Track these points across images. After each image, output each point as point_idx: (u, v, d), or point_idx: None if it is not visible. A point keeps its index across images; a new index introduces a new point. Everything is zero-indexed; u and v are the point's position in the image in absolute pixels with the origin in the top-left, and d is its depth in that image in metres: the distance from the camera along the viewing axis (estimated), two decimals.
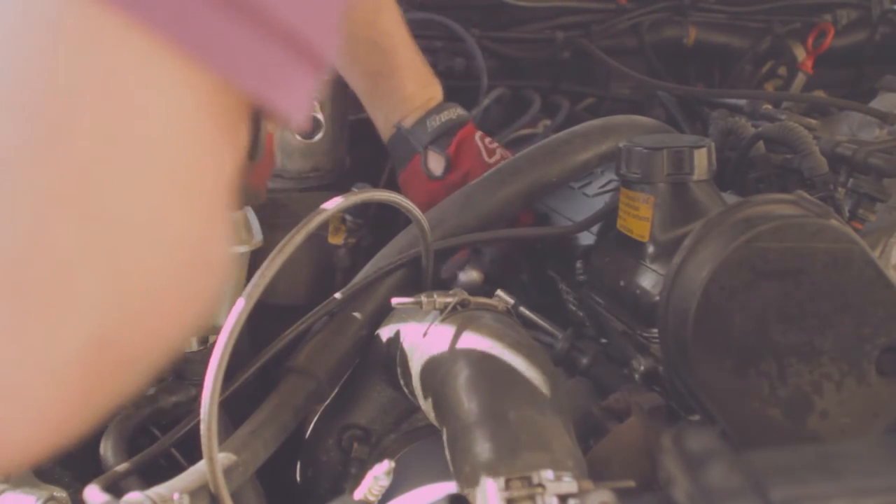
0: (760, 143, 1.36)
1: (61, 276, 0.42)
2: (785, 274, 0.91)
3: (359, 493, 0.90)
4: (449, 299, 1.01)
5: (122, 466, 0.95)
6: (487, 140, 1.45)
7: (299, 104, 0.44)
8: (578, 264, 1.16)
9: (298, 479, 1.14)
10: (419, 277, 1.15)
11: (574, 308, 1.22)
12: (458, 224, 1.21)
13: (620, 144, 1.11)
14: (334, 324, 1.13)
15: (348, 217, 1.46)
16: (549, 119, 1.71)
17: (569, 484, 0.73)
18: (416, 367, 1.00)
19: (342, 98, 1.48)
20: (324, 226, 1.43)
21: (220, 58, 0.42)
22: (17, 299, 0.42)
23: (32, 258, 0.42)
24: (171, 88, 0.42)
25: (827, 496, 0.46)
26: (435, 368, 0.97)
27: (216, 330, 0.92)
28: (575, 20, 1.76)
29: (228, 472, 0.93)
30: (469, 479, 0.85)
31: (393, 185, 1.49)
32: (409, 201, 1.05)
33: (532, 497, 0.73)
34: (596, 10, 1.77)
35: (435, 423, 0.96)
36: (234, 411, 1.06)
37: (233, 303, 0.88)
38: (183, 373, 1.09)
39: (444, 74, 1.56)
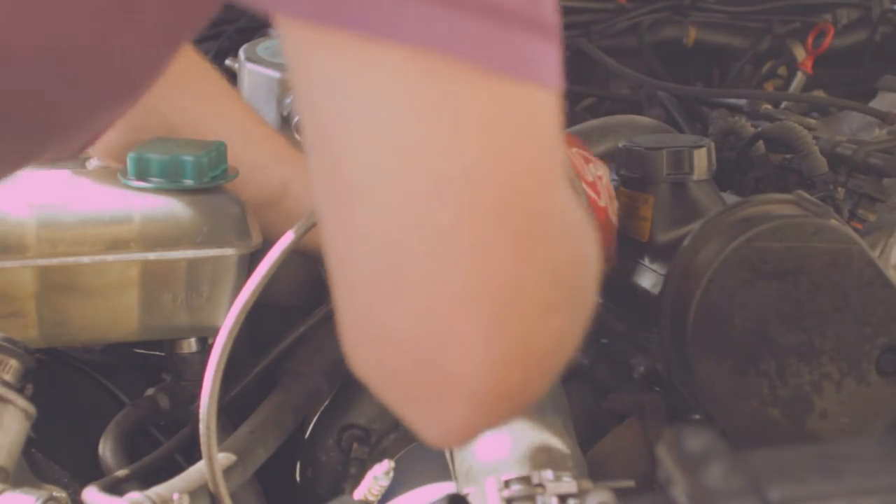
0: (760, 143, 1.36)
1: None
2: (784, 274, 0.91)
3: (358, 493, 0.90)
4: None
5: (122, 472, 0.95)
6: None
7: (559, 76, 0.53)
8: None
9: (298, 479, 1.14)
10: None
11: None
12: None
13: (620, 144, 1.11)
14: (333, 324, 1.13)
15: None
16: None
17: (568, 484, 0.73)
18: None
19: None
20: None
21: (528, 69, 0.51)
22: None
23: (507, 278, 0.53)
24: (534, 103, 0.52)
25: (826, 496, 0.46)
26: None
27: (215, 330, 0.92)
28: (574, 20, 1.76)
29: (228, 472, 0.93)
30: (468, 479, 0.85)
31: None
32: None
33: (532, 497, 0.73)
34: (595, 9, 1.77)
35: None
36: (234, 411, 1.06)
37: (231, 303, 0.88)
38: (182, 373, 1.08)
39: None
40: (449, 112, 0.51)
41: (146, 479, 0.95)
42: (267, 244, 0.92)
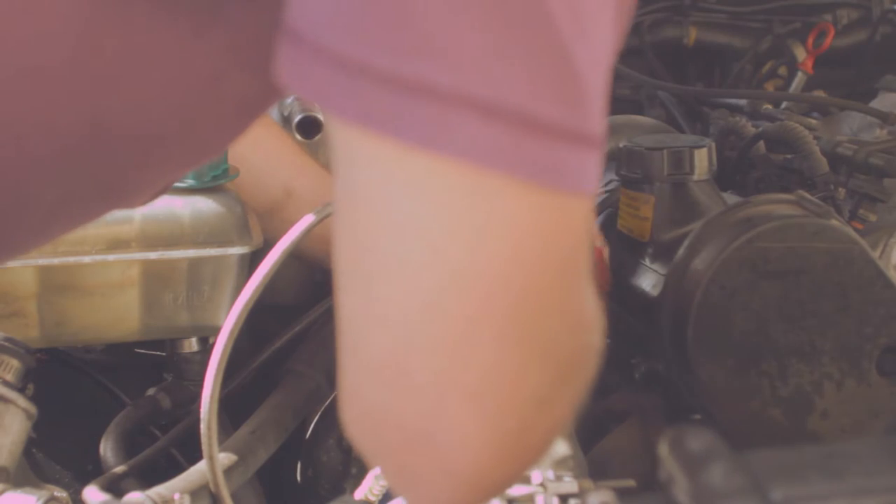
0: (761, 143, 1.36)
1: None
2: (785, 274, 0.91)
3: (359, 493, 0.90)
4: None
5: (122, 467, 0.95)
6: None
7: (596, 181, 0.55)
8: None
9: (299, 478, 1.14)
10: None
11: None
12: None
13: (620, 144, 1.11)
14: (334, 324, 1.13)
15: None
16: None
17: (569, 484, 0.73)
18: None
19: None
20: None
21: (564, 180, 0.53)
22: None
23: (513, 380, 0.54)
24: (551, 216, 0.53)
25: (827, 496, 0.46)
26: None
27: (216, 330, 0.92)
28: None
29: (229, 472, 0.93)
30: None
31: None
32: None
33: (532, 497, 0.73)
34: None
35: None
36: (234, 411, 1.06)
37: (232, 303, 0.88)
38: (183, 373, 1.09)
39: None
40: (481, 217, 0.52)
41: (145, 477, 0.95)
42: (268, 248, 0.93)
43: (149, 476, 0.95)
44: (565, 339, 0.57)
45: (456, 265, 0.52)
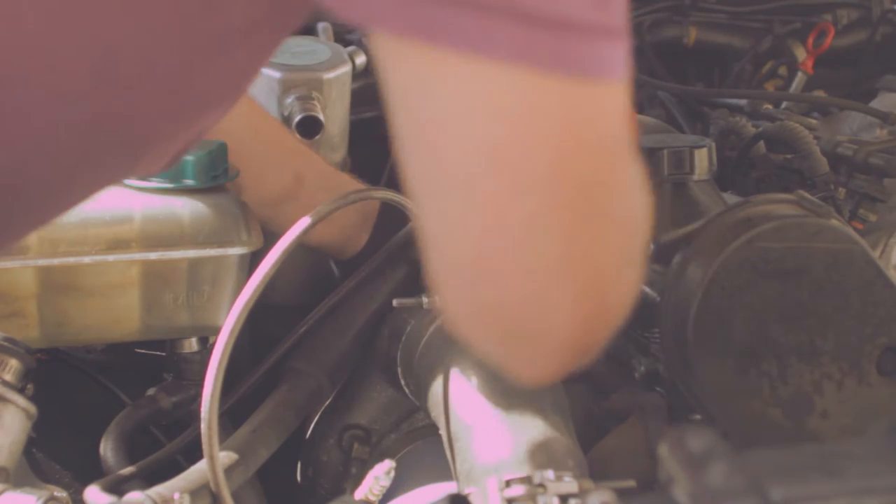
0: (761, 143, 1.36)
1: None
2: (786, 274, 0.91)
3: (359, 493, 0.90)
4: None
5: (126, 471, 0.95)
6: None
7: (626, 67, 0.59)
8: None
9: (299, 479, 1.14)
10: (420, 276, 1.15)
11: None
12: None
13: None
14: (335, 323, 1.13)
15: None
16: None
17: (569, 484, 0.73)
18: (417, 367, 1.00)
19: (343, 97, 1.48)
20: None
21: (603, 71, 0.57)
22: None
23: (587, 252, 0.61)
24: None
25: (828, 496, 0.46)
26: (436, 368, 0.97)
27: (216, 330, 0.92)
28: None
29: (229, 471, 0.93)
30: (469, 479, 0.85)
31: (393, 185, 1.49)
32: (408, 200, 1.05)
33: (532, 497, 0.73)
34: None
35: (436, 422, 0.96)
36: (234, 411, 1.06)
37: (232, 302, 0.88)
38: (183, 373, 1.09)
39: None
40: (533, 117, 0.57)
41: (148, 479, 0.95)
42: (272, 242, 0.93)
43: (149, 475, 0.95)
44: (625, 213, 0.62)
45: (513, 165, 0.57)
